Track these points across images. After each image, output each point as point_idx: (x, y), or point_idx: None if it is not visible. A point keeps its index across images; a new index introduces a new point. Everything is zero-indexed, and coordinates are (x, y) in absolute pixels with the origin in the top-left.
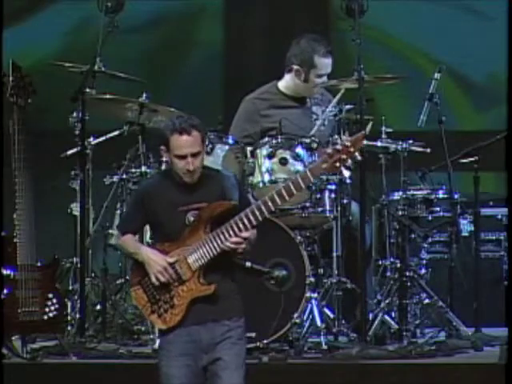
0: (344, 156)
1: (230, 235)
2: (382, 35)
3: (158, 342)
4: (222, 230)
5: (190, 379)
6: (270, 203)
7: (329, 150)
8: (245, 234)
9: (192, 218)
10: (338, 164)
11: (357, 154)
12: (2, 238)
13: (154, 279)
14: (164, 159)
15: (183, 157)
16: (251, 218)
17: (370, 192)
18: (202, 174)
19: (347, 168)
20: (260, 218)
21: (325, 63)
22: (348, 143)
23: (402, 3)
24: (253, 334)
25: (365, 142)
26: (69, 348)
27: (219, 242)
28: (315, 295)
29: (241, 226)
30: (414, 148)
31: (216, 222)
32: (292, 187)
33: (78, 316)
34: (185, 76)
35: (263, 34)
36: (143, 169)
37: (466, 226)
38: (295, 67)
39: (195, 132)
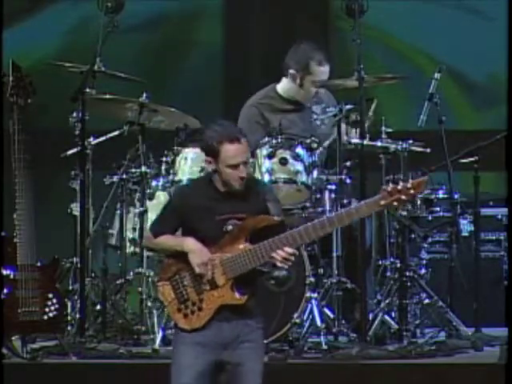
0: (404, 197)
1: (273, 250)
2: (382, 35)
3: (172, 336)
4: (265, 244)
5: (201, 370)
6: (319, 228)
7: (389, 188)
8: (290, 250)
9: (231, 227)
10: (396, 204)
11: (417, 197)
12: (2, 238)
13: (196, 269)
14: (206, 167)
15: (236, 166)
16: (297, 238)
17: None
18: (244, 183)
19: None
20: (306, 240)
21: (320, 71)
22: (409, 185)
23: (402, 3)
24: None
25: (365, 142)
26: (69, 348)
27: (262, 255)
28: (315, 295)
29: (286, 244)
30: (414, 148)
31: (256, 235)
32: (345, 217)
33: (78, 316)
34: (185, 76)
35: (263, 34)
36: (143, 169)
37: (466, 225)
38: (291, 71)
39: (243, 139)
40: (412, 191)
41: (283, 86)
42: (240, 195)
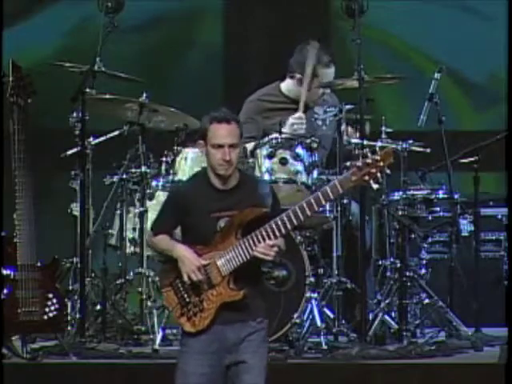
0: (373, 170)
1: (259, 242)
2: (382, 35)
3: (180, 339)
4: (252, 236)
5: (208, 378)
6: (299, 212)
7: (359, 164)
8: (271, 242)
9: (223, 224)
10: (367, 177)
11: (386, 168)
12: (2, 238)
13: (185, 277)
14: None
15: (221, 146)
16: (280, 225)
17: (370, 192)
18: (239, 179)
19: (376, 182)
20: (289, 227)
21: (327, 73)
22: (378, 157)
23: (401, 3)
24: None
25: (365, 142)
26: (69, 348)
27: (249, 248)
28: (315, 295)
29: (270, 233)
30: (414, 148)
31: (248, 229)
32: (321, 197)
33: (78, 316)
34: (185, 76)
35: (263, 34)
36: (143, 169)
37: (465, 226)
38: (297, 76)
39: (234, 123)
40: (381, 163)
41: (288, 86)
42: (235, 192)
